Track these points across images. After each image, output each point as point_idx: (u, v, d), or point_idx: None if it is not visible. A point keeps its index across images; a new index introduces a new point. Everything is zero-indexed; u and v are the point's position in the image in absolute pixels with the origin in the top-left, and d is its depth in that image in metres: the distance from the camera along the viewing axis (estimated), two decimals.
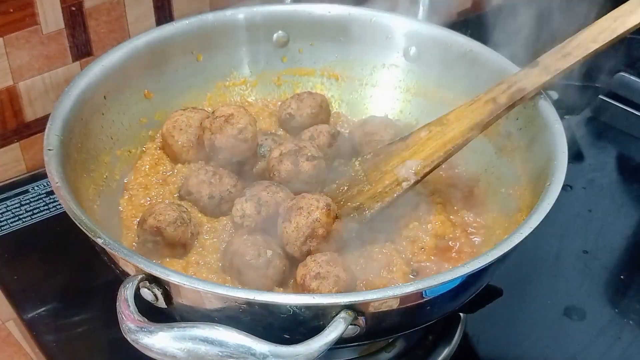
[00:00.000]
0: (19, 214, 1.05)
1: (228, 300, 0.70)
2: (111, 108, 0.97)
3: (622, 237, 1.09)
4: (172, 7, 1.15)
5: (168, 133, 0.97)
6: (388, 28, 1.08)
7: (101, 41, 1.10)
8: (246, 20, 1.07)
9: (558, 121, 0.90)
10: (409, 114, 1.08)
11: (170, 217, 0.85)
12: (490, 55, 1.01)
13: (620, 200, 1.14)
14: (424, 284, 0.72)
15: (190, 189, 0.91)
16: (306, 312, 0.70)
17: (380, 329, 0.76)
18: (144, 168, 0.98)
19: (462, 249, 0.90)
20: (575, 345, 0.93)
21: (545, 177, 0.84)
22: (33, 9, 1.02)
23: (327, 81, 1.11)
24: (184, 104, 1.04)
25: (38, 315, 0.93)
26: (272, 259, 0.82)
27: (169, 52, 1.03)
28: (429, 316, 0.81)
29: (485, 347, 0.94)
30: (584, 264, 1.04)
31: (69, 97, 0.90)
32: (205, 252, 0.87)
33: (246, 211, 0.87)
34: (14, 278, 0.98)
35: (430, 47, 1.06)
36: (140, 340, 0.67)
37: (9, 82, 1.05)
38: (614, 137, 1.26)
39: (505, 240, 0.76)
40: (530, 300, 0.98)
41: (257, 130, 0.94)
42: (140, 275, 0.72)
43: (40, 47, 1.05)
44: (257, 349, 0.66)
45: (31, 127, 1.10)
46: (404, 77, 1.09)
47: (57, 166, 0.82)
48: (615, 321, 0.97)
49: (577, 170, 1.17)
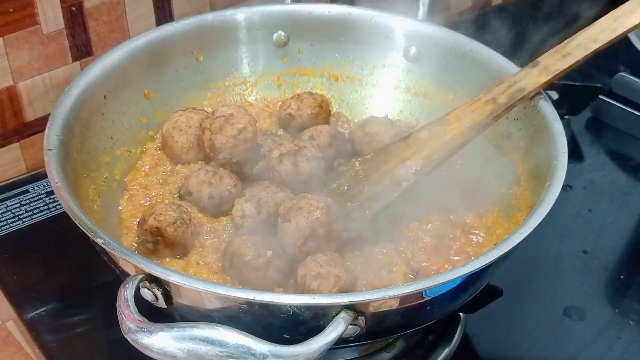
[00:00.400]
0: (19, 214, 1.05)
1: (228, 300, 0.70)
2: (111, 108, 0.97)
3: (622, 237, 1.09)
4: (172, 7, 1.15)
5: (168, 134, 0.97)
6: (388, 28, 1.08)
7: (101, 41, 1.10)
8: (246, 20, 1.07)
9: (558, 121, 0.90)
10: (409, 114, 1.08)
11: (170, 218, 0.85)
12: (490, 55, 1.01)
13: (620, 200, 1.14)
14: (424, 284, 0.72)
15: (191, 189, 0.91)
16: (306, 312, 0.70)
17: (380, 329, 0.76)
18: (144, 168, 0.98)
19: (462, 249, 0.90)
20: (575, 345, 0.93)
21: (545, 177, 0.84)
22: (33, 9, 1.02)
23: (327, 81, 1.11)
24: (184, 104, 1.04)
25: (38, 315, 0.93)
26: (272, 259, 0.82)
27: (169, 52, 1.03)
28: (429, 316, 0.81)
29: (485, 347, 0.94)
30: (584, 264, 1.04)
31: (69, 97, 0.90)
32: (205, 252, 0.87)
33: (246, 211, 0.87)
34: (14, 278, 0.98)
35: (430, 47, 1.06)
36: (140, 340, 0.67)
37: (9, 82, 1.05)
38: (614, 137, 1.26)
39: (505, 240, 0.76)
40: (530, 300, 0.98)
41: (257, 130, 0.94)
42: (140, 275, 0.72)
43: (40, 47, 1.05)
44: (257, 349, 0.66)
45: (31, 127, 1.10)
46: (404, 77, 1.09)
47: (57, 166, 0.82)
48: (615, 321, 0.97)
49: (577, 170, 1.17)
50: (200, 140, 0.95)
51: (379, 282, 0.84)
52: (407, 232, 0.90)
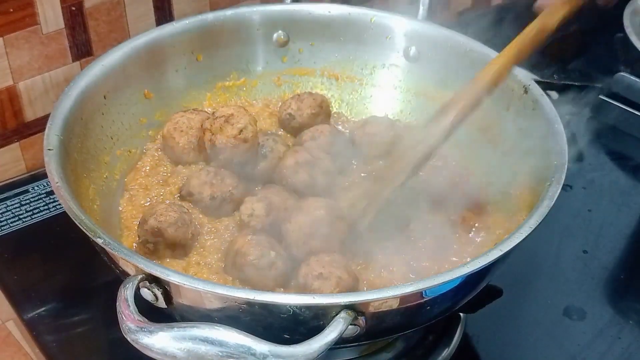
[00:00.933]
0: (19, 214, 1.05)
1: (228, 300, 0.70)
2: (111, 108, 0.97)
3: (622, 237, 1.09)
4: (172, 7, 1.15)
5: (169, 135, 0.97)
6: (388, 28, 1.08)
7: (101, 41, 1.10)
8: (246, 20, 1.07)
9: (558, 121, 0.90)
10: (409, 114, 1.08)
11: (171, 218, 0.85)
12: (490, 55, 1.01)
13: (620, 200, 1.14)
14: (424, 284, 0.72)
15: (192, 189, 0.91)
16: (306, 312, 0.70)
17: (380, 329, 0.76)
18: (144, 169, 0.98)
19: (462, 249, 0.89)
20: (575, 345, 0.93)
21: (545, 177, 0.84)
22: (33, 9, 1.02)
23: (327, 81, 1.11)
24: (184, 104, 1.04)
25: (38, 315, 0.93)
26: (275, 260, 0.82)
27: (169, 52, 1.03)
28: (429, 316, 0.81)
29: (485, 347, 0.94)
30: (584, 264, 1.04)
31: (69, 97, 0.90)
32: (206, 252, 0.87)
33: (255, 211, 0.86)
34: (14, 278, 0.98)
35: (430, 47, 1.06)
36: (140, 340, 0.67)
37: (9, 82, 1.05)
38: (614, 137, 1.26)
39: (505, 240, 0.76)
40: (530, 300, 0.98)
41: (257, 130, 0.94)
42: (140, 275, 0.72)
43: (40, 47, 1.05)
44: (257, 349, 0.66)
45: (31, 127, 1.10)
46: (404, 77, 1.09)
47: (57, 166, 0.82)
48: (615, 321, 0.97)
49: (577, 170, 1.16)
50: (201, 142, 0.95)
51: (379, 282, 0.84)
52: (407, 232, 0.90)
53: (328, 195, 0.90)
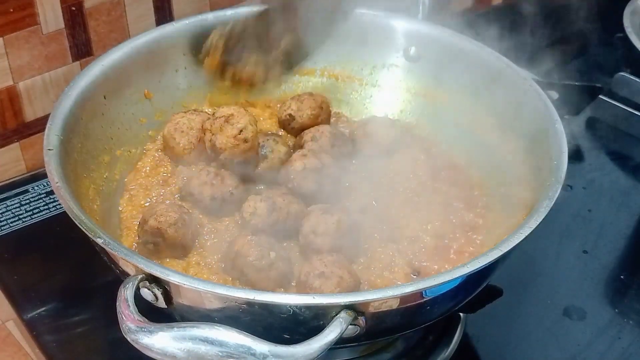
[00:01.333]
0: (19, 214, 1.05)
1: (228, 300, 0.70)
2: (111, 108, 0.97)
3: (622, 237, 1.09)
4: (172, 7, 1.15)
5: (169, 135, 0.97)
6: (388, 28, 1.08)
7: (101, 41, 1.10)
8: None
9: (558, 121, 0.90)
10: (409, 114, 1.08)
11: (171, 219, 0.85)
12: (490, 55, 1.01)
13: (620, 200, 1.14)
14: (424, 284, 0.72)
15: (192, 190, 0.91)
16: (306, 312, 0.70)
17: (380, 329, 0.76)
18: (144, 169, 0.98)
19: (462, 249, 0.89)
20: (575, 345, 0.93)
21: (545, 177, 0.84)
22: (33, 9, 1.02)
23: (327, 81, 1.11)
24: (184, 104, 1.04)
25: (38, 315, 0.93)
26: (275, 261, 0.82)
27: (169, 52, 1.03)
28: (429, 316, 0.81)
29: (485, 347, 0.94)
30: (584, 264, 1.04)
31: (69, 97, 0.90)
32: (206, 252, 0.87)
33: (258, 210, 0.86)
34: (14, 278, 0.98)
35: (430, 47, 1.06)
36: (140, 340, 0.67)
37: (9, 82, 1.05)
38: (614, 137, 1.26)
39: (505, 240, 0.76)
40: (530, 300, 0.98)
41: (257, 130, 0.94)
42: (140, 275, 0.72)
43: (40, 47, 1.05)
44: (257, 349, 0.66)
45: (31, 127, 1.10)
46: (404, 77, 1.09)
47: (57, 166, 0.82)
48: (615, 321, 0.97)
49: (577, 170, 1.17)
50: (202, 142, 0.95)
51: (380, 282, 0.84)
52: (407, 232, 0.90)
53: (333, 201, 0.90)
